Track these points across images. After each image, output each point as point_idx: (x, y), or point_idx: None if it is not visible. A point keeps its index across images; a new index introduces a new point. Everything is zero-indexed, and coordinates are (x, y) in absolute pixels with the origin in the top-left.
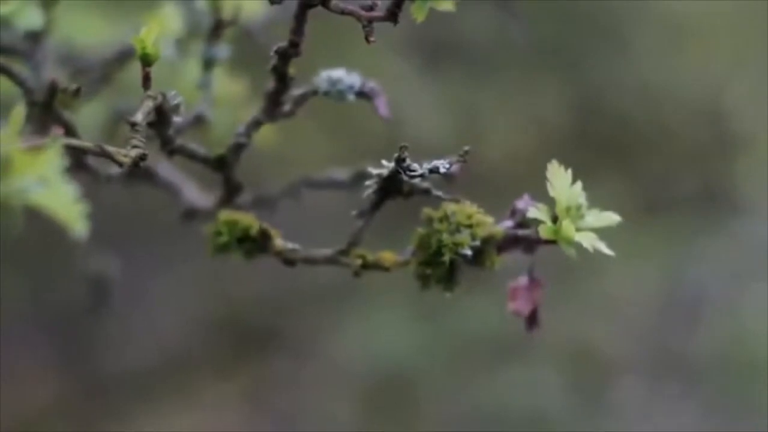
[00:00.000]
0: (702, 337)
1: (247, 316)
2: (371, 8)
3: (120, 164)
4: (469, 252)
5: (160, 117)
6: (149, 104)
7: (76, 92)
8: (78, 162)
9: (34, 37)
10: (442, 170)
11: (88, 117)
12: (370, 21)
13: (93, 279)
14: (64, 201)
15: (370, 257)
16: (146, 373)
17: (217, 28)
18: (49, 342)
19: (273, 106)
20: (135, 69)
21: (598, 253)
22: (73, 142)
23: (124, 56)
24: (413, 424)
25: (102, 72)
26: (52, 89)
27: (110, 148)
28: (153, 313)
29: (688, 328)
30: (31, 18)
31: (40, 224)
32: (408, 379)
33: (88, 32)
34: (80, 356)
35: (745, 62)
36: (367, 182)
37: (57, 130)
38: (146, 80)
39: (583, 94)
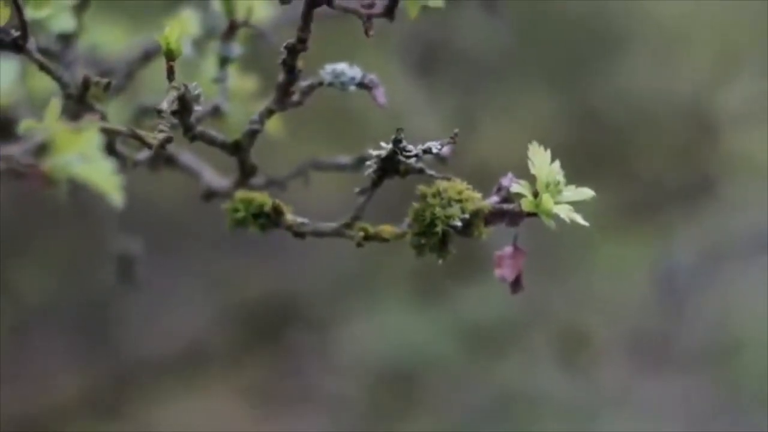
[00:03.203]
0: (689, 322)
1: (259, 309)
2: (370, 6)
3: (149, 146)
4: (459, 224)
5: (183, 105)
6: (173, 94)
7: (107, 86)
8: (109, 148)
9: (66, 40)
10: (434, 150)
11: (114, 112)
12: (369, 17)
13: (120, 257)
14: (103, 174)
15: (371, 230)
16: (160, 365)
17: (231, 29)
18: (68, 335)
19: (283, 96)
20: (157, 71)
21: (593, 248)
22: (108, 125)
23: (147, 56)
24: (422, 411)
25: (127, 70)
26: (86, 83)
27: (140, 132)
28: (168, 307)
29: (677, 315)
30: (65, 22)
31: (67, 222)
32: (416, 367)
33: (113, 39)
34: (100, 347)
35: (731, 68)
36: (368, 162)
37: (92, 116)
38: (170, 73)
39: (574, 98)
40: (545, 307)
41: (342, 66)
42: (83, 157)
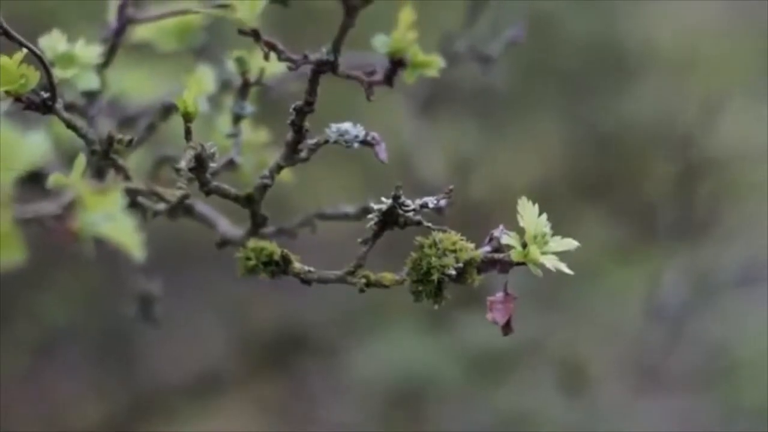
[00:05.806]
0: (688, 346)
1: (271, 337)
2: (372, 74)
3: (167, 202)
4: (453, 272)
5: (199, 163)
6: (191, 153)
7: (130, 142)
8: (131, 200)
9: (90, 95)
10: (431, 205)
11: (135, 162)
12: (371, 84)
13: (139, 297)
14: (126, 232)
15: (373, 277)
16: (176, 390)
17: (244, 89)
18: (88, 362)
19: (291, 153)
20: (176, 121)
21: (589, 279)
22: (131, 185)
23: (167, 110)
24: None
25: (149, 122)
26: (110, 140)
27: (160, 189)
28: (184, 336)
29: (676, 340)
30: (90, 80)
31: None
32: (422, 391)
33: (135, 85)
34: (119, 373)
35: (734, 96)
36: (369, 215)
37: (117, 176)
38: (188, 133)
39: (578, 128)
40: (547, 332)
41: (346, 125)
42: (108, 217)
